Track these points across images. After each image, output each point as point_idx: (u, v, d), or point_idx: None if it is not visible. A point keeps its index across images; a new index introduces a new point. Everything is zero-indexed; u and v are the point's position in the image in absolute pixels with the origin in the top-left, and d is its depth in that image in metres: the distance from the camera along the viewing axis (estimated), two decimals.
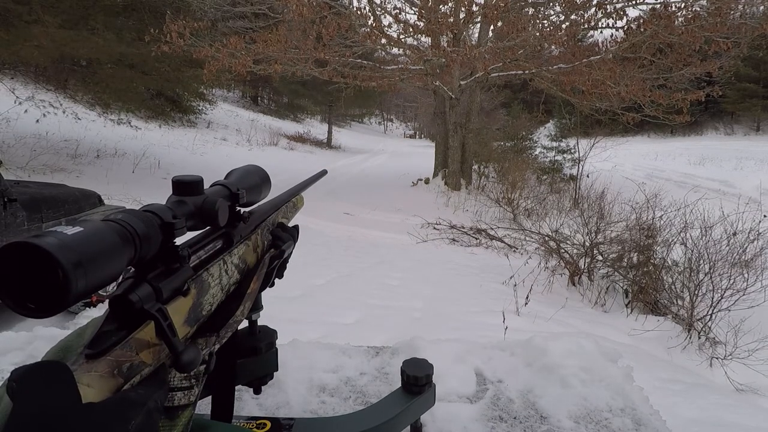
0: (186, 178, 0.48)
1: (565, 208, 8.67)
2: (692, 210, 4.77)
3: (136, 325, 0.37)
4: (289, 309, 3.44)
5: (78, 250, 0.30)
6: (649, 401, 0.91)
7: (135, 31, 7.75)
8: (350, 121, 34.86)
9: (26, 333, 1.04)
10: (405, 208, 8.75)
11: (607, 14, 7.72)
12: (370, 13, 8.65)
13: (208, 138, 15.21)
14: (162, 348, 0.38)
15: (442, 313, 3.85)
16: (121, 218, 0.37)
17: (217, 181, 0.56)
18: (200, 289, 0.44)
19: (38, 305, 0.30)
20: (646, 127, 21.43)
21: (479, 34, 10.97)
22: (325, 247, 5.68)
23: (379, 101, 29.84)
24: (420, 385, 0.69)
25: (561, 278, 5.09)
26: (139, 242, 0.37)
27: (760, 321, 3.73)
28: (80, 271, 0.30)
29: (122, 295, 0.37)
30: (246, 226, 0.57)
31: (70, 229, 0.31)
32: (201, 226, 0.48)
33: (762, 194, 10.86)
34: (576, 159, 12.06)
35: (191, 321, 0.43)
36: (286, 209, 0.72)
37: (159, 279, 0.39)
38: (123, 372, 0.34)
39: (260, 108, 26.79)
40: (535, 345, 1.04)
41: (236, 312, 0.51)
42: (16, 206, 3.05)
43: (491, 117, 17.92)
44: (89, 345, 0.35)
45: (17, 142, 8.25)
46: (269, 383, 0.73)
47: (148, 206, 0.41)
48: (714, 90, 8.69)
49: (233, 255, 0.52)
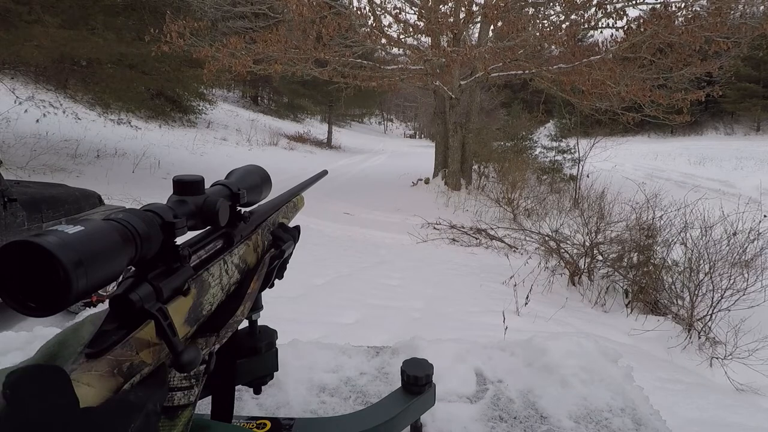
0: (187, 178, 0.47)
1: (565, 208, 8.67)
2: (692, 210, 4.77)
3: (136, 324, 0.37)
4: (289, 309, 3.44)
5: (79, 249, 0.30)
6: (649, 401, 0.91)
7: (135, 31, 7.75)
8: (350, 121, 34.86)
9: (26, 333, 1.04)
10: (405, 208, 8.75)
11: (607, 14, 7.72)
12: (370, 13, 8.65)
13: (208, 138, 15.21)
14: (162, 347, 0.38)
15: (442, 313, 3.85)
16: (122, 217, 0.37)
17: (218, 181, 0.56)
18: (200, 288, 0.44)
19: (39, 304, 0.30)
20: (646, 127, 21.43)
21: (479, 34, 10.97)
22: (325, 247, 5.68)
23: (379, 101, 29.86)
24: (420, 385, 0.69)
25: (561, 278, 5.10)
26: (140, 242, 0.37)
27: (760, 321, 3.73)
28: (81, 270, 0.30)
29: (123, 295, 0.37)
30: (246, 226, 0.57)
31: (71, 228, 0.31)
32: (201, 226, 0.48)
33: (762, 194, 10.86)
34: (576, 159, 12.06)
35: (191, 321, 0.43)
36: (287, 209, 0.72)
37: (159, 278, 0.39)
38: (123, 371, 0.34)
39: (260, 108, 26.79)
40: (535, 345, 1.04)
41: (236, 312, 0.51)
42: (16, 206, 3.05)
43: (491, 117, 17.92)
44: (89, 344, 0.35)
45: (17, 142, 8.25)
46: (269, 383, 0.73)
47: (149, 206, 0.41)
48: (714, 90, 8.68)
49: (234, 255, 0.52)
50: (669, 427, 0.83)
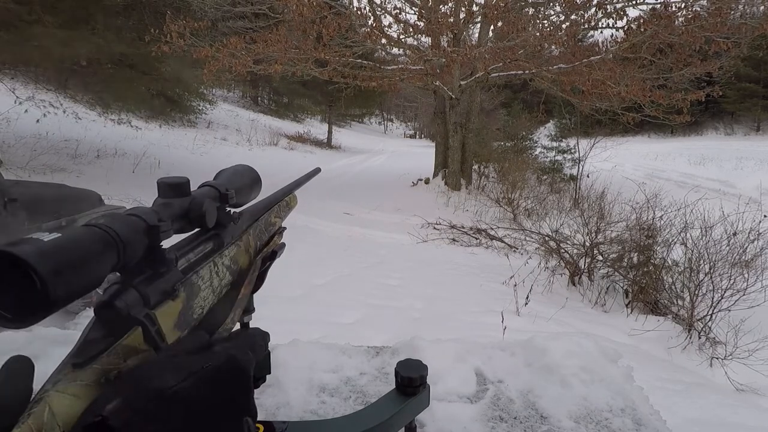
0: (171, 180, 0.46)
1: (565, 208, 8.68)
2: (692, 210, 4.77)
3: (123, 331, 0.36)
4: (289, 309, 3.44)
5: (56, 258, 0.29)
6: (649, 401, 0.91)
7: (135, 31, 7.75)
8: (350, 121, 34.84)
9: (26, 333, 1.04)
10: (405, 208, 8.74)
11: (607, 14, 7.72)
12: (370, 13, 8.66)
13: (209, 138, 15.21)
14: (151, 354, 0.37)
15: (442, 313, 3.86)
16: (103, 223, 0.36)
17: (206, 182, 0.55)
18: (190, 292, 0.43)
19: (15, 315, 0.29)
20: (646, 127, 21.41)
21: (479, 34, 10.96)
22: (325, 247, 5.68)
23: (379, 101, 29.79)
24: (414, 387, 0.69)
25: (561, 278, 5.10)
26: (123, 247, 0.35)
27: (760, 321, 3.73)
28: (59, 279, 0.29)
29: (108, 301, 0.35)
30: (237, 227, 0.56)
31: (48, 236, 0.30)
32: (189, 228, 0.47)
33: (762, 194, 10.86)
34: (576, 159, 12.07)
35: (182, 325, 0.42)
36: (279, 209, 0.71)
37: (146, 284, 0.38)
38: (110, 380, 0.34)
39: (260, 108, 26.79)
40: (535, 345, 1.04)
41: (226, 320, 0.50)
42: (16, 206, 3.05)
43: (491, 117, 17.89)
44: (75, 354, 0.34)
45: (17, 142, 8.25)
46: (269, 384, 0.72)
47: (132, 209, 0.40)
48: (714, 90, 8.68)
49: (224, 256, 0.52)
50: (669, 427, 0.83)
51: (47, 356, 0.97)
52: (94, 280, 0.33)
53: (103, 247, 0.34)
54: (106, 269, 0.34)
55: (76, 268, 0.31)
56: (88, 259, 0.32)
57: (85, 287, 0.32)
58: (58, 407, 0.30)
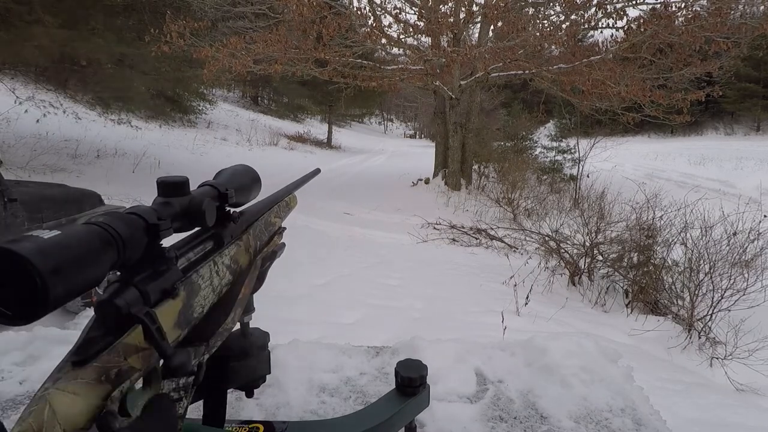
0: (171, 179, 0.46)
1: (565, 208, 8.67)
2: (692, 210, 4.76)
3: (123, 329, 0.36)
4: (289, 309, 3.44)
5: (55, 255, 0.29)
6: (649, 401, 0.91)
7: (135, 31, 7.75)
8: (350, 121, 34.83)
9: (26, 333, 1.04)
10: (405, 208, 8.74)
11: (607, 14, 7.72)
12: (370, 13, 8.65)
13: (209, 138, 15.20)
14: (151, 352, 0.37)
15: (442, 313, 3.85)
16: (103, 221, 0.36)
17: (206, 182, 0.55)
18: (190, 291, 0.44)
19: (15, 312, 0.29)
20: (646, 127, 21.40)
21: (479, 34, 10.96)
22: (325, 247, 5.67)
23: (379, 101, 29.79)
24: (414, 387, 0.69)
25: (561, 278, 5.09)
26: (122, 245, 0.36)
27: (760, 321, 3.73)
28: (58, 277, 0.29)
29: (108, 300, 0.36)
30: (237, 227, 0.56)
31: (47, 233, 0.30)
32: (189, 227, 0.47)
33: (762, 194, 10.86)
34: (576, 159, 12.07)
35: (182, 324, 0.42)
36: (279, 209, 0.71)
37: (146, 282, 0.38)
38: (111, 378, 0.34)
39: (260, 108, 26.78)
40: (535, 345, 1.04)
41: (226, 320, 0.50)
42: (17, 206, 3.05)
43: (491, 117, 17.88)
44: (75, 352, 0.34)
45: (17, 142, 8.25)
46: (269, 384, 0.72)
47: (132, 208, 0.40)
48: (714, 90, 8.68)
49: (224, 256, 0.52)
50: (669, 427, 0.83)
51: (47, 356, 0.97)
52: (94, 278, 0.33)
53: (103, 245, 0.34)
54: (105, 267, 0.34)
55: (76, 265, 0.31)
56: (88, 257, 0.32)
57: (85, 285, 0.32)
58: (58, 405, 0.30)
